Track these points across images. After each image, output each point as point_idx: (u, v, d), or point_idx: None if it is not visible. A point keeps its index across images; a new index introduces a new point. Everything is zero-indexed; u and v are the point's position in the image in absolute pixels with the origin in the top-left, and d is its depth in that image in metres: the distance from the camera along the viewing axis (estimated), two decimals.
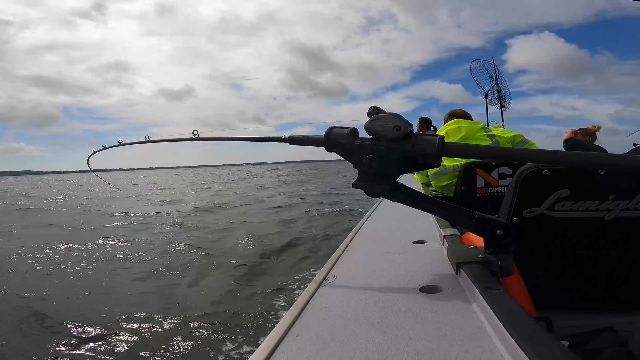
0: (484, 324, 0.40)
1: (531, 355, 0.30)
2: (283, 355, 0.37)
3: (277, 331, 0.42)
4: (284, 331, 0.42)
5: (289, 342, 0.40)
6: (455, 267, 0.57)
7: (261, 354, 0.37)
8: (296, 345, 0.39)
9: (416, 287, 0.54)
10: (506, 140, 1.88)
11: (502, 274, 0.53)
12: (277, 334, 0.41)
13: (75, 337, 2.55)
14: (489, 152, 0.54)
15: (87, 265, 4.29)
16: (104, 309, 3.00)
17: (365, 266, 0.68)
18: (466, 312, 0.44)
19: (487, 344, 0.36)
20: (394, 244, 0.81)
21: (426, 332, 0.40)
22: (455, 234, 0.76)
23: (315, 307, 0.49)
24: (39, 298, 3.26)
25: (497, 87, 5.24)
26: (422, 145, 0.51)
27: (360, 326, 0.42)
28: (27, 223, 7.84)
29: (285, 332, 0.42)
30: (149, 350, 2.35)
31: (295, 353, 0.38)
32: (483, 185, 1.67)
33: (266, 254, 4.47)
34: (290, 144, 0.65)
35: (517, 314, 0.37)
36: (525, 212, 0.68)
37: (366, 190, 0.55)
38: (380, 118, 0.52)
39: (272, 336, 0.41)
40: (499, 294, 0.43)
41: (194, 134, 0.78)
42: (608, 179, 0.64)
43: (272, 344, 0.39)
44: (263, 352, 0.38)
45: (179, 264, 4.27)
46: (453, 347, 0.36)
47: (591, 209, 0.66)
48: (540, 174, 0.66)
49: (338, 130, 0.57)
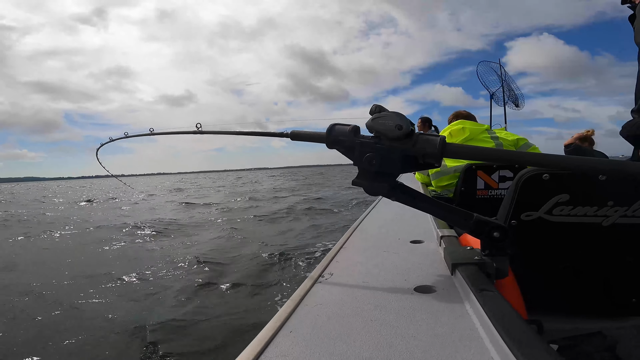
0: (476, 326, 0.40)
1: (520, 358, 0.30)
2: (276, 350, 0.38)
3: (271, 326, 0.43)
4: (277, 326, 0.43)
5: (282, 337, 0.41)
6: (450, 267, 0.57)
7: (254, 348, 0.38)
8: (289, 341, 0.40)
9: (411, 286, 0.54)
10: (509, 143, 1.87)
11: (496, 276, 0.54)
12: (271, 329, 0.42)
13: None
14: (490, 154, 0.54)
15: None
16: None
17: (361, 264, 0.68)
18: (459, 313, 0.44)
19: (478, 345, 0.36)
20: (391, 243, 0.82)
21: (419, 332, 0.40)
22: (452, 234, 0.76)
23: (310, 304, 0.49)
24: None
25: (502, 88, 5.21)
26: (423, 145, 0.51)
27: (354, 324, 0.43)
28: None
29: (279, 327, 0.43)
30: (138, 344, 2.36)
31: (288, 348, 0.38)
32: (483, 187, 1.67)
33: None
34: (292, 139, 0.65)
35: (508, 317, 0.38)
36: (523, 215, 0.68)
37: (366, 188, 0.55)
38: (382, 116, 0.52)
39: (265, 331, 0.42)
40: (492, 296, 0.43)
41: (197, 127, 0.78)
42: (608, 185, 0.64)
43: (265, 338, 0.40)
44: (256, 347, 0.38)
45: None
46: (445, 348, 0.36)
47: (589, 214, 0.66)
48: (541, 177, 0.65)
49: (340, 127, 0.57)
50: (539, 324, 0.55)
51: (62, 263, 4.41)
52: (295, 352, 0.37)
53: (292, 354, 0.37)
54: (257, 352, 0.37)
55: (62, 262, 4.47)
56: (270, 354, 0.37)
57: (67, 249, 5.34)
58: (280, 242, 5.09)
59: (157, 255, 4.72)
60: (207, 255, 4.52)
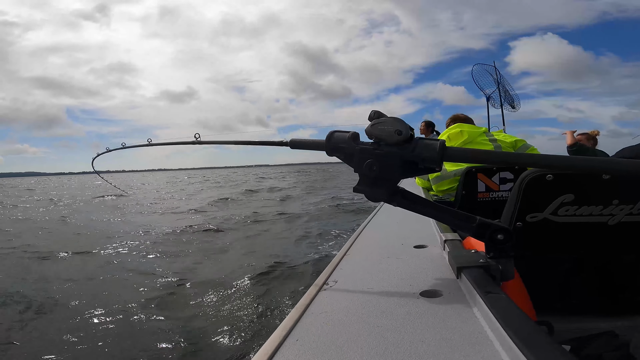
0: (484, 329, 0.40)
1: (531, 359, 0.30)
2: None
3: (277, 335, 0.42)
4: (283, 335, 0.42)
5: (288, 346, 0.40)
6: (456, 271, 0.57)
7: (261, 358, 0.37)
8: (296, 350, 0.39)
9: (417, 291, 0.54)
10: (508, 145, 1.88)
11: (502, 278, 0.53)
12: (277, 338, 0.41)
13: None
14: (489, 157, 0.54)
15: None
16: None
17: (365, 270, 0.67)
18: (467, 316, 0.44)
19: (488, 348, 0.36)
20: (395, 249, 0.81)
21: (427, 337, 0.40)
22: (456, 238, 0.76)
23: (316, 312, 0.49)
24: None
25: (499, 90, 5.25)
26: (423, 149, 0.51)
27: (361, 331, 0.42)
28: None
29: (285, 336, 0.42)
30: (140, 351, 2.33)
31: (294, 357, 0.38)
32: (484, 189, 1.67)
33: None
34: (292, 148, 0.65)
35: (517, 319, 0.37)
36: (528, 216, 0.68)
37: (367, 195, 0.55)
38: (381, 122, 0.52)
39: (272, 340, 0.41)
40: (499, 298, 0.43)
41: (195, 138, 0.80)
42: (612, 183, 0.64)
43: (271, 348, 0.39)
44: (263, 356, 0.38)
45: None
46: (454, 352, 0.36)
47: (595, 213, 0.66)
48: (545, 178, 0.65)
49: (339, 135, 0.57)
50: (549, 325, 0.54)
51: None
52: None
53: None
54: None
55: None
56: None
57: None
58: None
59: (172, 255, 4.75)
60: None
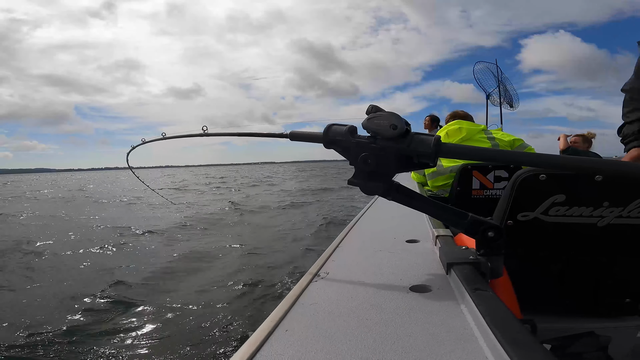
0: (470, 325, 0.41)
1: (514, 358, 0.31)
2: (272, 350, 0.38)
3: (267, 325, 0.43)
4: (273, 325, 0.42)
5: (278, 336, 0.41)
6: (446, 267, 0.58)
7: (250, 348, 0.38)
8: (285, 340, 0.40)
9: (407, 286, 0.54)
10: (505, 144, 1.89)
11: (491, 275, 0.54)
12: (266, 328, 0.42)
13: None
14: (484, 154, 0.54)
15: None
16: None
17: (357, 263, 0.68)
18: (454, 312, 0.44)
19: (473, 345, 0.37)
20: (387, 242, 0.82)
21: (414, 331, 0.40)
22: (447, 234, 0.77)
23: (306, 303, 0.50)
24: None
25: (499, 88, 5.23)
26: (418, 144, 0.51)
27: (350, 323, 0.43)
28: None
29: (274, 326, 0.42)
30: (131, 342, 2.36)
31: (283, 347, 0.38)
32: (478, 187, 1.68)
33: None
34: (291, 140, 0.66)
35: (503, 316, 0.38)
36: (519, 215, 0.69)
37: (362, 188, 0.55)
38: (378, 116, 0.52)
39: (261, 330, 0.42)
40: (487, 295, 0.44)
41: (203, 130, 0.84)
42: (604, 185, 0.64)
43: (261, 337, 0.40)
44: (252, 346, 0.38)
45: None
46: (439, 347, 0.37)
47: (585, 214, 0.67)
48: (538, 178, 0.66)
49: (337, 128, 0.57)
50: (533, 323, 0.56)
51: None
52: (291, 352, 0.37)
53: (287, 353, 0.37)
54: (252, 351, 0.37)
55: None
56: (266, 353, 0.37)
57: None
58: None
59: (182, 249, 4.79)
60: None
